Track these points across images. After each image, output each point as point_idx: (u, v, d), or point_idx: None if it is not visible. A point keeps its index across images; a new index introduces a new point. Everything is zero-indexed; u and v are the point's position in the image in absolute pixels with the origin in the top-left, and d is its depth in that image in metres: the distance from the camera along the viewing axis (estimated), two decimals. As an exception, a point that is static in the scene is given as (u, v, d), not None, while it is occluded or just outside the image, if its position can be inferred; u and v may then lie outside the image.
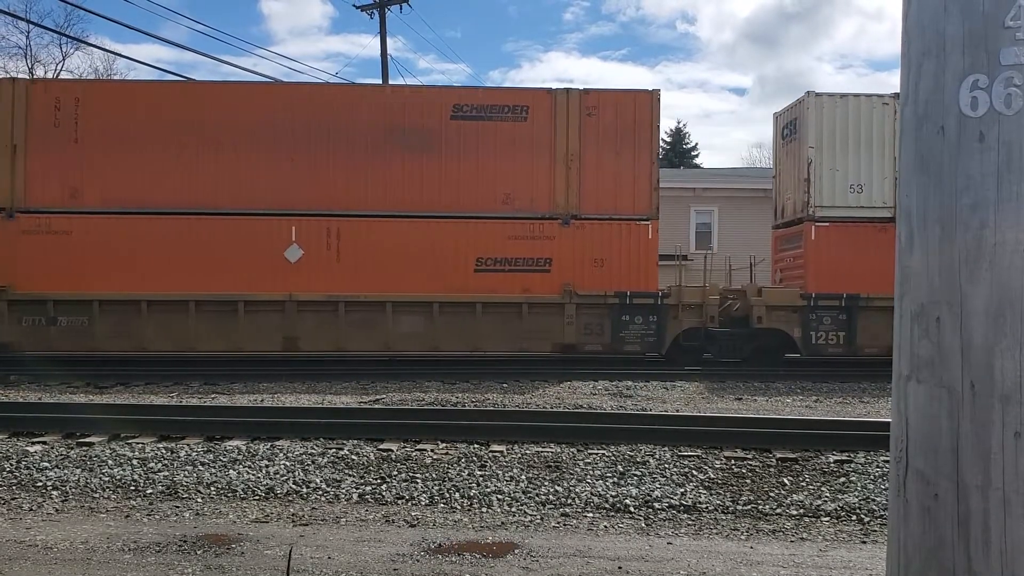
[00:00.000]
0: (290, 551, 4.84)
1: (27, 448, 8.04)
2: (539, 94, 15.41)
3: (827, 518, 6.11)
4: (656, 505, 6.32)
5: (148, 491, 6.68)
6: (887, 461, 7.03)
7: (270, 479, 6.96)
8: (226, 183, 15.14)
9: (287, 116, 15.26)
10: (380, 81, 27.37)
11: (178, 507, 6.25)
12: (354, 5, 28.06)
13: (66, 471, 7.17)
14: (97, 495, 6.61)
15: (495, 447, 8.07)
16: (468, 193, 15.30)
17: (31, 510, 6.20)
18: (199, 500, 6.47)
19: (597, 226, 15.25)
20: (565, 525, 5.89)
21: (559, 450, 7.95)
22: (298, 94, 16.01)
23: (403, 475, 7.08)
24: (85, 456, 7.68)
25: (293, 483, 6.85)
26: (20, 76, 14.23)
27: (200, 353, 15.99)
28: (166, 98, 15.55)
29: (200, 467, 7.32)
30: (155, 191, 15.06)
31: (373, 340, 15.37)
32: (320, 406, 10.89)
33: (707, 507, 6.30)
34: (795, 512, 6.21)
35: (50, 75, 40.17)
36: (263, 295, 15.04)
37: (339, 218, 15.20)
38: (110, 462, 7.46)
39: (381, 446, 8.09)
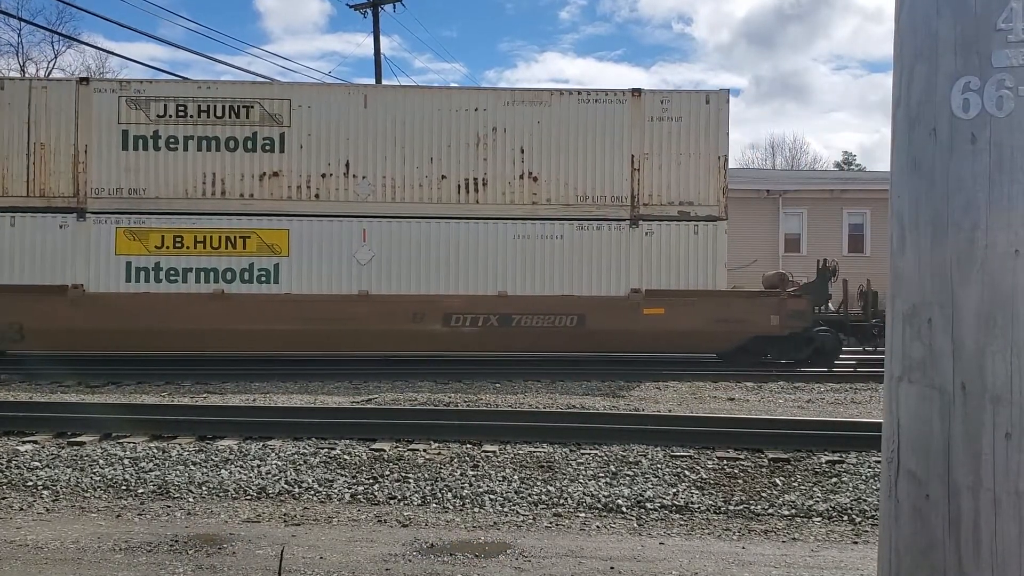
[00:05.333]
0: (282, 551, 4.83)
1: (17, 447, 8.00)
2: None
3: (819, 518, 6.12)
4: (648, 505, 6.32)
5: (139, 491, 6.66)
6: (879, 461, 7.05)
7: (262, 479, 6.95)
8: None
9: None
10: (373, 81, 27.30)
11: (169, 507, 6.23)
12: (347, 4, 28.01)
13: (57, 470, 7.14)
14: (88, 495, 6.58)
15: (488, 447, 8.06)
16: None
17: (21, 509, 6.17)
18: (190, 500, 6.45)
19: None
20: (557, 525, 5.89)
21: (552, 450, 7.95)
22: None
23: (395, 475, 7.07)
24: (76, 455, 7.64)
25: (285, 483, 6.83)
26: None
27: (193, 353, 15.97)
28: None
29: (192, 467, 7.30)
30: None
31: None
32: (312, 406, 10.87)
33: (699, 507, 6.31)
34: (787, 512, 6.23)
35: (41, 73, 40.04)
36: None
37: None
38: (101, 461, 7.43)
39: (373, 446, 8.08)
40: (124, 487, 6.74)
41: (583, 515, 6.13)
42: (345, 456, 7.68)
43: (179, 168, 15.33)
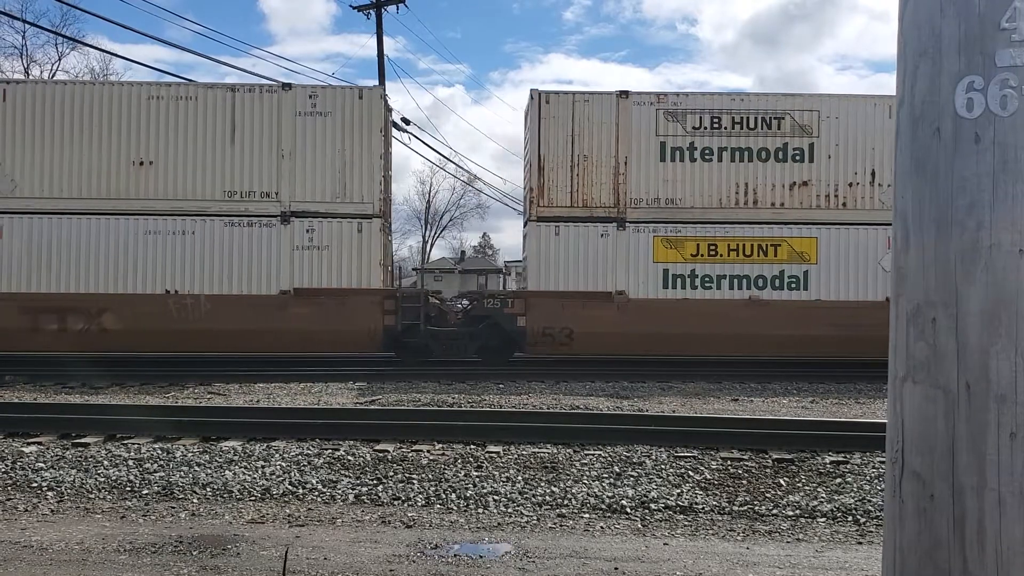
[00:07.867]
0: (286, 552, 4.84)
1: (22, 449, 8.02)
2: None
3: (823, 519, 6.11)
4: (652, 506, 6.32)
5: (144, 492, 6.67)
6: (883, 462, 7.03)
7: (266, 480, 6.95)
8: None
9: None
10: (376, 81, 27.32)
11: (174, 508, 6.24)
12: (351, 5, 28.03)
13: (61, 472, 7.16)
14: (92, 496, 6.59)
15: (491, 448, 8.07)
16: None
17: (26, 511, 6.18)
18: (195, 501, 6.46)
19: None
20: (561, 526, 5.88)
21: (555, 451, 7.95)
22: None
23: (399, 476, 7.07)
24: (80, 457, 7.66)
25: (289, 484, 6.84)
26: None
27: (195, 354, 16.01)
28: None
29: (196, 468, 7.31)
30: None
31: None
32: (316, 407, 10.88)
33: (703, 508, 6.30)
34: (791, 513, 6.22)
35: (45, 75, 40.11)
36: None
37: None
38: (105, 463, 7.44)
39: (377, 447, 8.08)
40: (129, 488, 6.75)
41: (587, 516, 6.13)
42: (349, 457, 7.68)
43: (712, 178, 15.82)
